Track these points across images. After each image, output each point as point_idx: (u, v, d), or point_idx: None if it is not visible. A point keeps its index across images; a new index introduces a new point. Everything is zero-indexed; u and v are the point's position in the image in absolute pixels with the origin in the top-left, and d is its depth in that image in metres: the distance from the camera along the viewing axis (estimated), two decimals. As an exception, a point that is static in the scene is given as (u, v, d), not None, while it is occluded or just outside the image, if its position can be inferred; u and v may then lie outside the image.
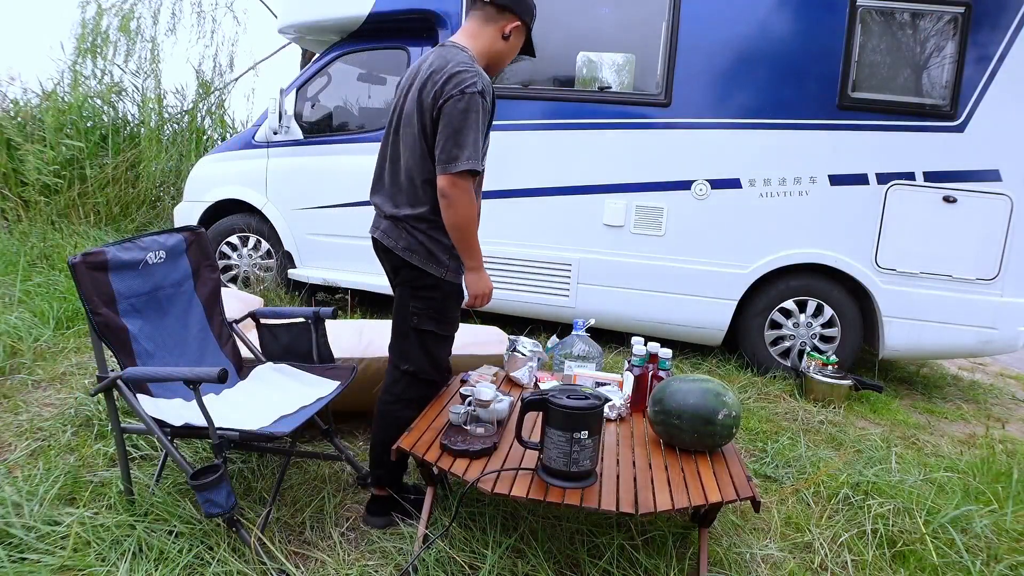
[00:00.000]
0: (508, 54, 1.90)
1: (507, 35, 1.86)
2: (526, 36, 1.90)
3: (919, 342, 3.64)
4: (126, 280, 1.90)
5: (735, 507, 2.20)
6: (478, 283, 1.90)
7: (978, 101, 3.42)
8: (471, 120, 1.71)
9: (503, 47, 1.88)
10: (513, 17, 1.84)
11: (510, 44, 1.88)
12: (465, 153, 1.71)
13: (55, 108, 6.15)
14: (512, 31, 1.86)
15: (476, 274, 1.88)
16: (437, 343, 1.95)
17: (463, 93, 1.71)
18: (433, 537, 1.76)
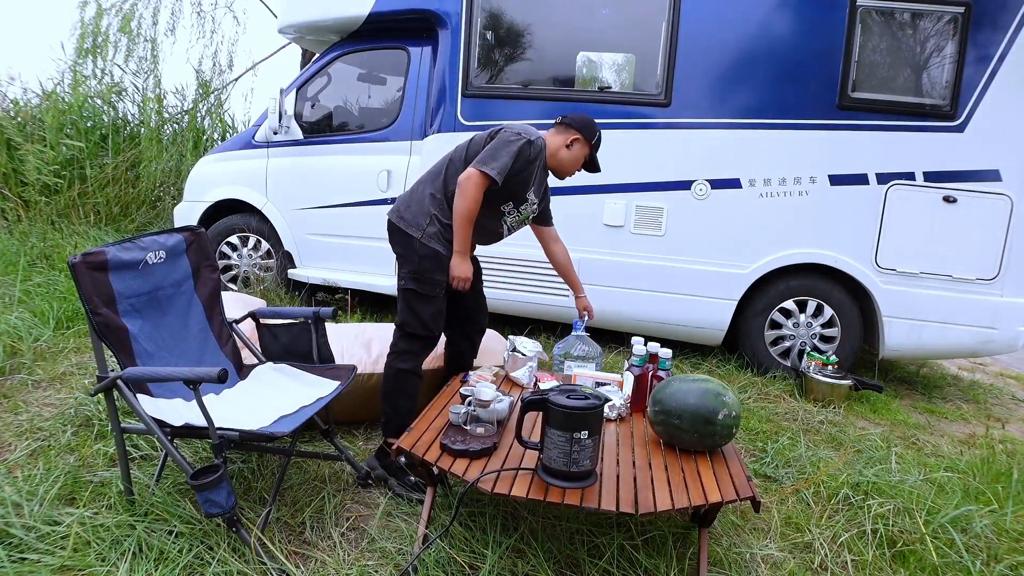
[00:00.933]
0: (569, 161, 2.34)
1: (569, 145, 2.32)
2: (589, 151, 2.35)
3: (919, 342, 3.63)
4: (126, 280, 1.89)
5: (735, 507, 2.20)
6: (458, 266, 2.24)
7: (978, 101, 3.42)
8: (511, 150, 2.16)
9: (566, 154, 2.33)
10: (576, 133, 2.31)
11: (572, 153, 2.33)
12: (495, 165, 2.13)
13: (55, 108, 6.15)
14: (574, 142, 2.31)
15: (458, 258, 2.23)
16: (418, 300, 2.23)
17: (516, 134, 2.21)
18: (433, 537, 1.76)
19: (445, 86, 3.97)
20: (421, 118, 4.12)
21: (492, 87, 3.94)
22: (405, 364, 2.24)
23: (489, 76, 3.96)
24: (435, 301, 2.26)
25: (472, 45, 3.90)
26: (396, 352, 2.26)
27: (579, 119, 2.35)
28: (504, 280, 4.02)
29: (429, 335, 2.27)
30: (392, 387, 2.25)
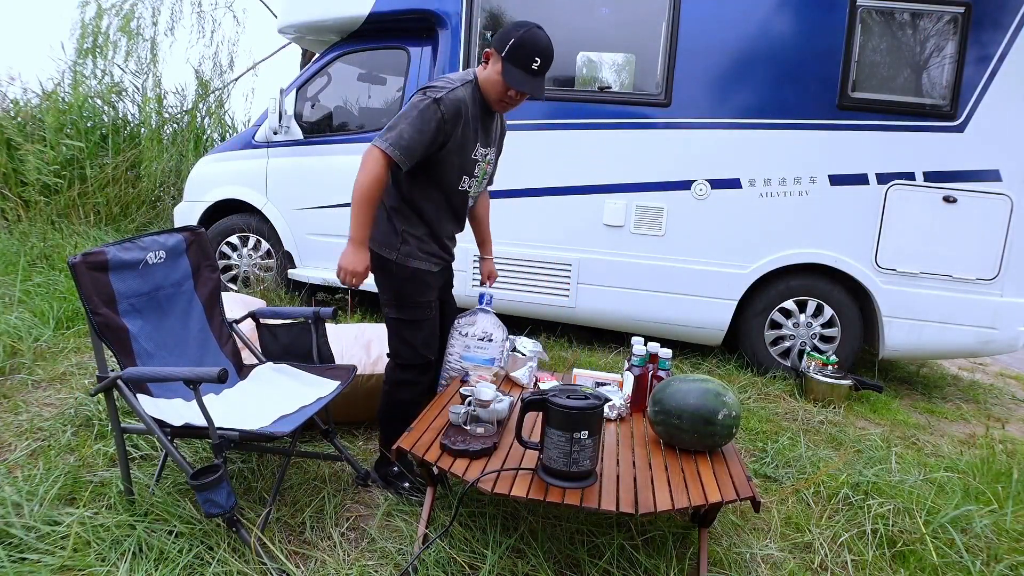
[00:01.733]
0: (488, 83, 1.97)
1: (483, 61, 1.99)
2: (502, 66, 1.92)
3: (919, 342, 3.63)
4: (126, 280, 1.89)
5: (735, 507, 2.20)
6: (348, 256, 1.92)
7: (978, 101, 3.42)
8: (414, 118, 1.86)
9: (482, 75, 1.98)
10: (492, 44, 1.96)
11: (487, 74, 1.96)
12: (392, 135, 1.85)
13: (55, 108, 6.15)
14: (488, 59, 1.97)
15: (351, 247, 1.92)
16: (404, 327, 2.07)
17: (422, 95, 1.89)
18: (433, 537, 1.76)
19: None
20: (421, 118, 4.12)
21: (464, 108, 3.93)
22: (406, 395, 2.11)
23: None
24: (425, 325, 2.09)
25: (472, 45, 3.90)
26: (395, 383, 2.11)
27: (502, 29, 1.96)
28: (504, 280, 4.02)
29: (425, 361, 2.12)
30: (391, 414, 2.12)
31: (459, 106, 1.90)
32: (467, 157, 2.01)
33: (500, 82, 1.92)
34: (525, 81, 1.92)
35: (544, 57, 1.91)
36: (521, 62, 1.90)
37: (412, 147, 1.86)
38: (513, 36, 1.89)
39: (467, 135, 1.97)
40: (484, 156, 2.08)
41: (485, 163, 2.10)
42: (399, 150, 1.86)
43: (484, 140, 2.06)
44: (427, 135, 1.87)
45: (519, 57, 1.90)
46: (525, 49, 1.89)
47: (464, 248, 4.02)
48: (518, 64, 1.90)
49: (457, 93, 1.91)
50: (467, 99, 1.94)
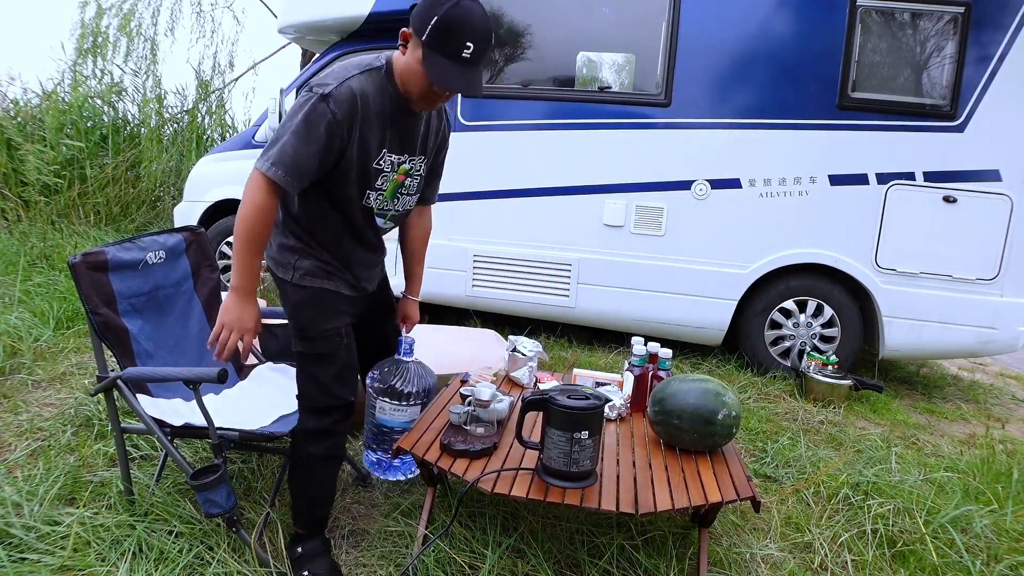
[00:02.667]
0: (408, 74, 1.50)
1: (400, 44, 1.51)
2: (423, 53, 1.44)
3: (919, 342, 3.63)
4: (126, 280, 1.89)
5: (735, 507, 2.20)
6: (231, 310, 1.53)
7: (978, 101, 3.42)
8: (297, 122, 1.45)
9: (399, 63, 1.53)
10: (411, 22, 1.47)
11: (405, 62, 1.50)
12: (273, 152, 1.46)
13: (55, 108, 6.16)
14: (408, 42, 1.49)
15: (234, 298, 1.53)
16: (309, 362, 1.67)
17: (309, 89, 1.48)
18: (433, 537, 1.76)
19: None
20: (421, 118, 4.12)
21: (492, 87, 3.94)
22: (316, 449, 1.68)
23: (489, 76, 3.96)
24: (335, 359, 1.66)
25: (472, 45, 3.89)
26: (305, 432, 1.69)
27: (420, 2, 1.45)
28: (504, 280, 4.02)
29: (341, 403, 1.68)
30: (296, 474, 1.72)
31: (353, 101, 1.47)
32: (366, 165, 1.57)
33: (422, 73, 1.45)
34: (454, 75, 1.44)
35: (479, 40, 1.43)
36: (448, 49, 1.42)
37: (300, 164, 1.45)
38: (436, 14, 1.40)
39: (367, 137, 1.53)
40: (396, 165, 1.62)
41: (398, 174, 1.64)
42: (283, 169, 1.44)
43: (397, 146, 1.61)
44: (317, 145, 1.46)
45: (445, 42, 1.42)
46: (453, 31, 1.41)
47: (463, 248, 4.03)
48: (444, 52, 1.42)
49: (351, 84, 1.47)
50: (368, 91, 1.50)
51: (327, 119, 1.45)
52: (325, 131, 1.46)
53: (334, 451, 1.73)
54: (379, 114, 1.54)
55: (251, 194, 1.46)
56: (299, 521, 1.75)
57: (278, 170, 1.44)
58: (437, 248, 4.05)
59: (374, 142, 1.56)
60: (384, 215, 1.72)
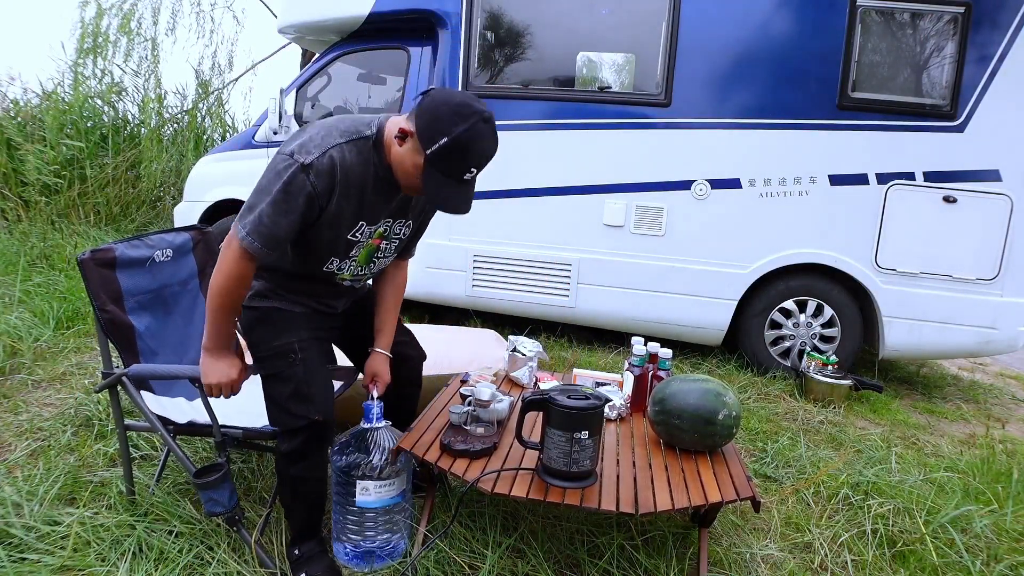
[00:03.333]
0: (400, 169, 1.48)
1: (401, 137, 1.46)
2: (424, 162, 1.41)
3: (919, 342, 3.64)
4: (133, 277, 1.89)
5: (735, 507, 2.20)
6: (210, 368, 1.56)
7: (978, 101, 3.42)
8: (276, 191, 1.40)
9: (396, 154, 1.48)
10: (411, 124, 1.43)
11: (401, 154, 1.46)
12: (251, 219, 1.42)
13: (55, 108, 6.16)
14: (406, 136, 1.45)
15: (208, 357, 1.56)
16: (267, 383, 1.64)
17: (290, 155, 1.42)
18: (433, 537, 1.76)
19: (445, 86, 3.97)
20: (421, 118, 4.12)
21: (492, 87, 3.94)
22: (294, 469, 1.62)
23: (489, 76, 3.96)
24: (290, 377, 1.59)
25: (472, 45, 3.90)
26: (280, 453, 1.63)
27: (438, 101, 1.39)
28: (504, 280, 4.02)
29: (303, 423, 1.57)
30: (285, 489, 1.68)
31: (333, 173, 1.43)
32: (339, 235, 1.54)
33: (416, 175, 1.45)
34: (450, 196, 1.43)
35: (484, 164, 1.43)
36: (451, 170, 1.41)
37: (276, 235, 1.43)
38: (447, 134, 1.36)
39: (342, 209, 1.49)
40: (372, 232, 1.61)
41: (373, 239, 1.62)
42: (260, 239, 1.42)
43: (374, 215, 1.57)
44: (293, 215, 1.43)
45: (450, 164, 1.40)
46: (461, 155, 1.39)
47: (463, 248, 4.03)
48: (446, 171, 1.41)
49: (332, 155, 1.43)
50: (350, 162, 1.46)
51: (307, 192, 1.42)
52: (304, 203, 1.43)
53: (312, 472, 1.64)
54: (359, 187, 1.50)
55: (228, 264, 1.45)
56: (295, 525, 1.72)
57: (254, 240, 1.43)
58: (437, 248, 4.08)
59: (349, 214, 1.53)
60: (359, 280, 1.73)
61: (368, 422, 1.73)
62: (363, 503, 1.69)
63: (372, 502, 1.70)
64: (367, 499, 1.69)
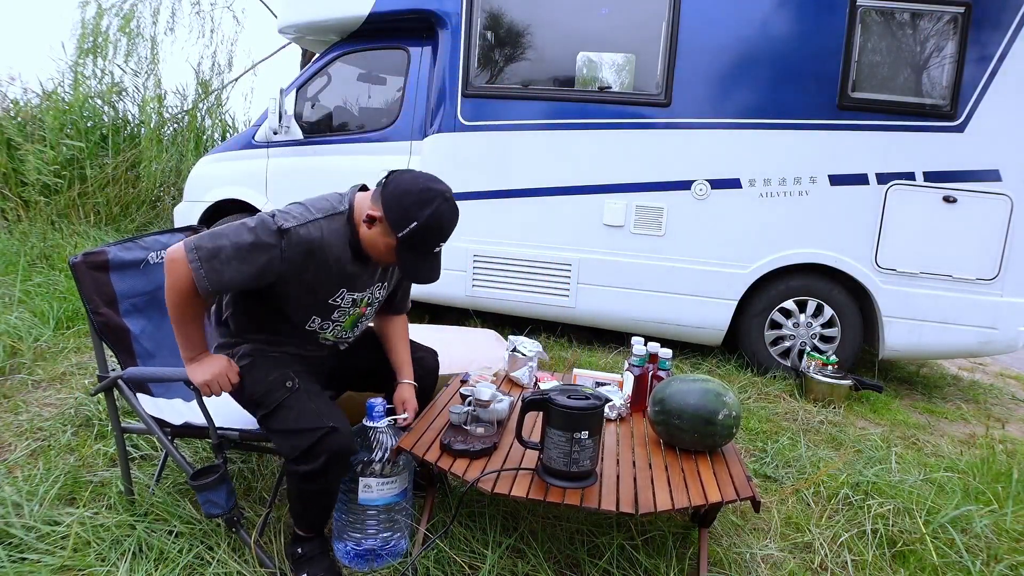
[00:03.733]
0: (371, 247, 1.60)
1: (369, 221, 1.56)
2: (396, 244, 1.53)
3: (919, 342, 3.64)
4: (127, 280, 1.89)
5: (735, 507, 2.20)
6: (198, 370, 1.58)
7: (978, 101, 3.42)
8: (244, 239, 1.46)
9: (366, 235, 1.58)
10: (379, 209, 1.53)
11: (372, 236, 1.57)
12: (208, 246, 1.45)
13: (55, 108, 6.16)
14: (374, 221, 1.55)
15: (190, 365, 1.59)
16: (272, 420, 1.63)
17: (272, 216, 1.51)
18: (433, 537, 1.76)
19: (445, 86, 3.97)
20: (421, 118, 4.12)
21: (492, 87, 3.95)
22: (317, 486, 1.59)
23: (489, 76, 3.96)
24: (293, 403, 1.60)
25: (472, 45, 3.90)
26: (299, 476, 1.58)
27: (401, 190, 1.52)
28: (504, 280, 4.02)
29: (323, 431, 1.54)
30: (295, 499, 1.67)
31: (310, 248, 1.53)
32: (318, 299, 1.64)
33: (388, 254, 1.58)
34: (423, 269, 1.58)
35: (448, 237, 1.58)
36: (423, 249, 1.56)
37: (223, 276, 1.47)
38: (416, 219, 1.49)
39: (320, 279, 1.60)
40: (357, 302, 1.72)
41: (360, 307, 1.74)
42: (206, 270, 1.45)
43: (355, 284, 1.68)
44: (249, 270, 1.48)
45: (423, 244, 1.54)
46: (431, 235, 1.53)
47: (463, 247, 4.03)
48: (417, 250, 1.55)
49: (311, 229, 1.52)
50: (328, 239, 1.56)
51: (272, 255, 1.49)
52: (264, 263, 1.49)
53: (330, 485, 1.62)
54: (337, 260, 1.60)
55: (172, 272, 1.47)
56: (300, 525, 1.70)
57: (201, 267, 1.45)
58: (437, 248, 4.08)
59: (329, 284, 1.62)
60: (343, 342, 1.82)
61: (371, 420, 1.75)
62: (365, 500, 1.71)
63: (374, 499, 1.71)
64: (369, 496, 1.71)
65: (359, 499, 1.70)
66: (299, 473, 1.56)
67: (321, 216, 1.56)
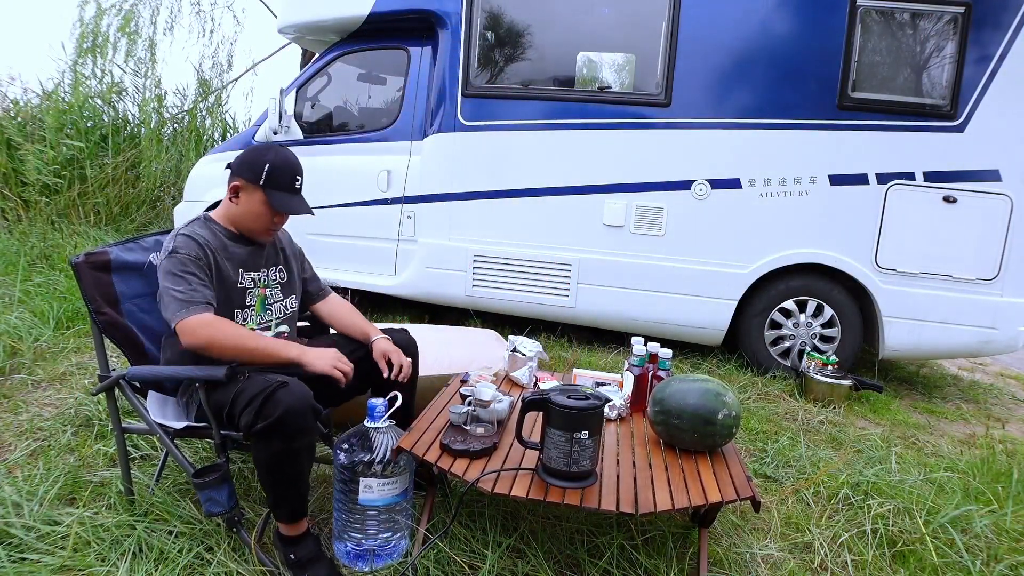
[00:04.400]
0: (245, 215, 1.83)
1: (233, 197, 1.83)
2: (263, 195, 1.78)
3: (919, 342, 3.64)
4: (129, 280, 1.89)
5: (735, 507, 2.20)
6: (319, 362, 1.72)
7: (978, 101, 3.42)
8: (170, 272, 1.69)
9: (235, 211, 1.84)
10: (235, 177, 1.81)
11: (241, 207, 1.82)
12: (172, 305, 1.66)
13: (55, 108, 6.15)
14: (237, 191, 1.81)
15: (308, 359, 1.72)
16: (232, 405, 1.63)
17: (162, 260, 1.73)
18: (433, 537, 1.76)
19: (445, 86, 3.97)
20: (421, 118, 4.13)
21: (492, 87, 3.95)
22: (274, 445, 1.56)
23: (489, 76, 3.96)
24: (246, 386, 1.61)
25: (472, 45, 3.90)
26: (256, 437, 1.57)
27: (240, 157, 1.82)
28: (504, 280, 4.02)
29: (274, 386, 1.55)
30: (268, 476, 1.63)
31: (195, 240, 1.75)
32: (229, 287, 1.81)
33: (264, 211, 1.81)
34: (295, 202, 1.84)
35: (301, 174, 1.86)
36: (284, 185, 1.82)
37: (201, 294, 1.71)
38: (266, 161, 1.78)
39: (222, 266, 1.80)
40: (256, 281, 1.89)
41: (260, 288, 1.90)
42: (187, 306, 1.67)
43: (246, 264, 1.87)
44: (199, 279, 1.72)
45: (280, 180, 1.81)
46: (284, 171, 1.81)
47: (463, 248, 4.03)
48: (282, 188, 1.81)
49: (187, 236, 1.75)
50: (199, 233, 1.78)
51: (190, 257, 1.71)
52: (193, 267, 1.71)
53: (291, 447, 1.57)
54: (222, 247, 1.81)
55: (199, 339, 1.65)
56: (280, 515, 1.66)
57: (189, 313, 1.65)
58: (437, 248, 4.08)
59: (229, 268, 1.81)
60: (268, 327, 1.92)
61: (372, 420, 1.76)
62: (366, 501, 1.70)
63: (375, 500, 1.71)
64: (370, 496, 1.70)
65: (359, 499, 1.70)
66: (259, 434, 1.54)
67: (184, 225, 1.82)
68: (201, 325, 1.65)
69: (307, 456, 1.64)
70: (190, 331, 1.65)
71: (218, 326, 1.67)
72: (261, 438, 1.55)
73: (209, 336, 1.65)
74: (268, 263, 1.95)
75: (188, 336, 1.65)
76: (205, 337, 1.65)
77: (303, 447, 1.60)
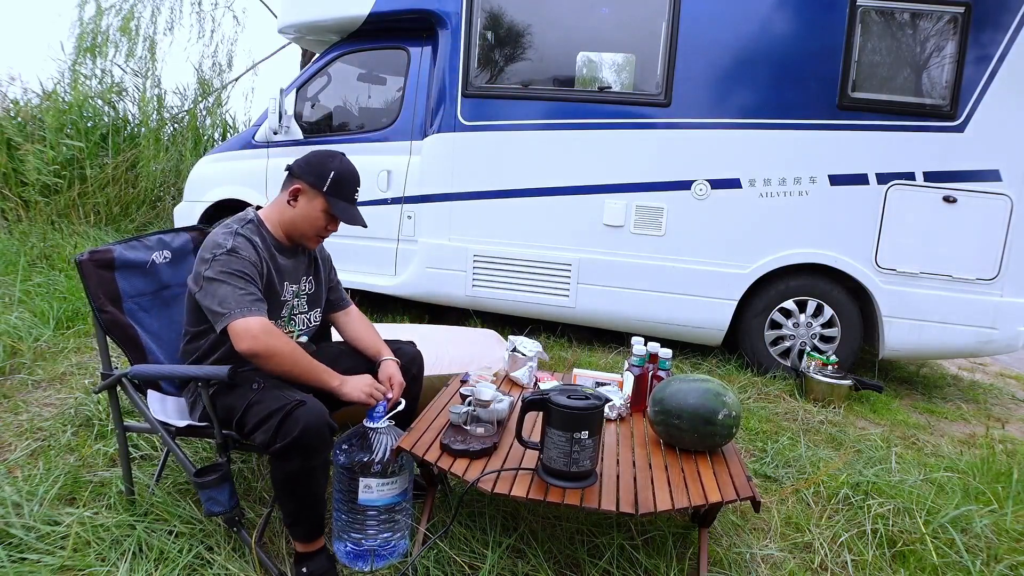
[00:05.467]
0: (302, 220, 1.82)
1: (292, 200, 1.82)
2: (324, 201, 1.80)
3: (919, 342, 3.63)
4: (132, 279, 1.89)
5: (735, 507, 2.20)
6: (355, 392, 1.72)
7: (978, 101, 3.42)
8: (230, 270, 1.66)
9: (291, 214, 1.83)
10: (296, 180, 1.82)
11: (299, 210, 1.82)
12: (226, 306, 1.62)
13: (55, 108, 6.15)
14: (297, 195, 1.82)
15: (346, 388, 1.72)
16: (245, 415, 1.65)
17: (214, 248, 1.69)
18: (433, 537, 1.76)
19: (445, 86, 3.97)
20: (421, 118, 4.13)
21: (492, 87, 3.95)
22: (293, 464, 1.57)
23: (489, 76, 3.96)
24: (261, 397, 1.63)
25: (472, 45, 3.90)
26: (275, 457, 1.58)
27: (304, 160, 1.83)
28: (504, 280, 4.02)
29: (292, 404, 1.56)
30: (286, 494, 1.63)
31: (250, 245, 1.75)
32: (273, 298, 1.81)
33: (320, 217, 1.82)
34: (353, 213, 1.85)
35: (359, 182, 1.89)
36: (345, 194, 1.83)
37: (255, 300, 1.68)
38: (332, 169, 1.80)
39: (272, 276, 1.79)
40: (297, 292, 1.88)
41: (297, 299, 1.88)
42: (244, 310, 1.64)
43: (291, 276, 1.87)
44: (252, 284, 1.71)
45: (343, 190, 1.82)
46: (348, 180, 1.84)
47: (463, 247, 4.03)
48: (343, 197, 1.82)
49: (242, 238, 1.74)
50: (253, 240, 1.76)
51: (245, 261, 1.69)
52: (248, 270, 1.69)
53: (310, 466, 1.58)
54: (270, 257, 1.79)
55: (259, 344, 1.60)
56: (297, 534, 1.66)
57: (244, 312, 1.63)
58: (437, 248, 4.08)
59: (277, 278, 1.80)
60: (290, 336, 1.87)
61: (372, 421, 1.76)
62: (366, 501, 1.71)
63: (375, 500, 1.71)
64: (370, 497, 1.71)
65: (359, 499, 1.70)
66: (277, 453, 1.54)
67: (237, 222, 1.78)
68: (264, 331, 1.62)
69: (322, 473, 1.63)
70: (250, 333, 1.60)
71: (278, 336, 1.65)
72: (279, 457, 1.55)
73: (270, 344, 1.62)
74: (303, 272, 1.94)
75: (246, 338, 1.60)
76: (265, 344, 1.61)
77: (319, 464, 1.60)
